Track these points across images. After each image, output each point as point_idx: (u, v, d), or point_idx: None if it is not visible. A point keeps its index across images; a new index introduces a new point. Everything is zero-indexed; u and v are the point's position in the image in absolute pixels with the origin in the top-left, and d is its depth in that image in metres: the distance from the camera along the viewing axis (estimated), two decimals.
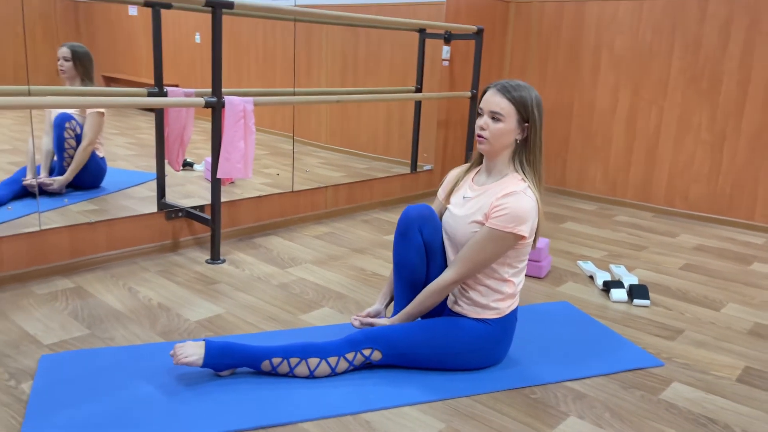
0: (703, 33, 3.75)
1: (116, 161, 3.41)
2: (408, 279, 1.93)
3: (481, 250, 1.79)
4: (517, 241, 1.78)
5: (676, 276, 2.89)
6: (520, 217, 1.75)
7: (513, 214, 1.74)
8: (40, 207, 2.68)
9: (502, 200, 1.76)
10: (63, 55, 3.03)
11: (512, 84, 1.79)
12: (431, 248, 1.93)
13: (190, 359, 1.71)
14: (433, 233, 1.92)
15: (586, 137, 4.32)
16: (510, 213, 1.74)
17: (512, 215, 1.74)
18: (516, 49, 4.56)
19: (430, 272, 1.93)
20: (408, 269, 1.92)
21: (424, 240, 1.91)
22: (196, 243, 3.00)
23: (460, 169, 2.01)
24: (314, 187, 3.56)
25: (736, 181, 3.76)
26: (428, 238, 1.92)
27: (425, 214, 1.93)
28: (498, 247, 1.78)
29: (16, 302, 2.26)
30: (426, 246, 1.92)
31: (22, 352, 1.90)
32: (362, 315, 2.02)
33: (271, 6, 3.01)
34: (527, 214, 1.76)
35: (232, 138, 2.66)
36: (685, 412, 1.75)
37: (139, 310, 2.24)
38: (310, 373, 1.79)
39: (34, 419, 1.55)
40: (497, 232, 1.76)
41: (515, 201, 1.75)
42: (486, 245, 1.78)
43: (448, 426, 1.64)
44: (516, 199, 1.76)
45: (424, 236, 1.91)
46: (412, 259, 1.91)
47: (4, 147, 3.21)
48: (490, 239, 1.77)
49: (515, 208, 1.75)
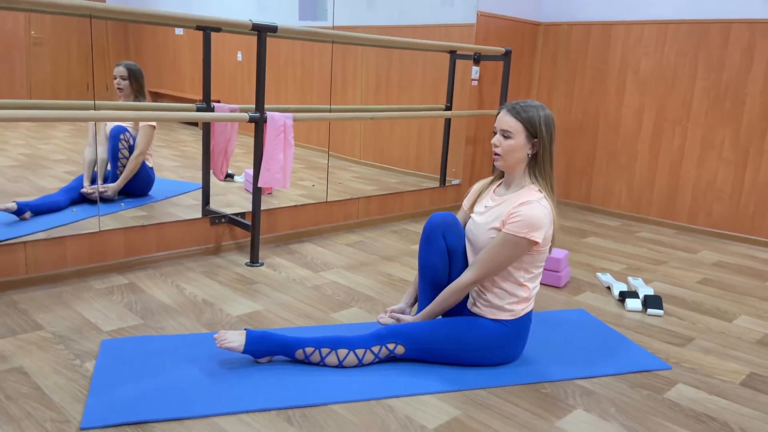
0: (726, 55, 3.86)
1: (162, 172, 3.67)
2: (431, 280, 2.10)
3: (498, 254, 1.95)
4: (530, 247, 1.94)
5: (692, 289, 2.99)
6: (533, 224, 1.91)
7: (527, 221, 1.91)
8: (99, 211, 2.94)
9: (517, 208, 1.93)
10: (120, 74, 3.30)
11: (522, 104, 1.97)
12: (454, 253, 2.10)
13: (232, 345, 1.91)
14: (455, 239, 2.10)
15: (611, 156, 4.44)
16: (524, 220, 1.91)
17: (526, 222, 1.91)
18: (544, 69, 4.72)
19: (453, 275, 2.10)
20: (431, 271, 2.09)
21: (447, 245, 2.09)
22: (237, 247, 3.23)
23: (484, 181, 2.19)
24: (347, 198, 3.77)
25: (759, 199, 3.83)
26: (451, 244, 2.09)
27: (449, 221, 2.10)
28: (513, 251, 1.94)
29: (78, 295, 2.51)
30: (449, 250, 2.09)
31: (85, 337, 2.13)
32: (388, 311, 2.20)
33: (311, 30, 3.24)
34: (540, 222, 1.92)
35: (273, 150, 2.88)
36: (687, 410, 1.88)
37: (185, 305, 2.46)
38: (339, 363, 1.97)
39: (98, 392, 1.77)
40: (512, 237, 1.92)
41: (529, 209, 1.92)
42: (502, 249, 1.94)
43: (464, 413, 1.80)
44: (530, 207, 1.92)
45: (447, 241, 2.09)
46: (436, 263, 2.09)
47: (59, 157, 3.50)
48: (505, 244, 1.94)
49: (530, 216, 1.91)
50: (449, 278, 2.10)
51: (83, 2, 2.38)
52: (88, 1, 2.41)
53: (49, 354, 2.00)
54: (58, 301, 2.43)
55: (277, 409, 1.75)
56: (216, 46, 3.09)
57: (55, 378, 1.86)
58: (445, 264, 2.09)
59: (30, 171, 3.32)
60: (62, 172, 3.34)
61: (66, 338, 2.12)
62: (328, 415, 1.74)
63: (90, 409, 1.69)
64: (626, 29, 4.26)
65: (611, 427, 1.77)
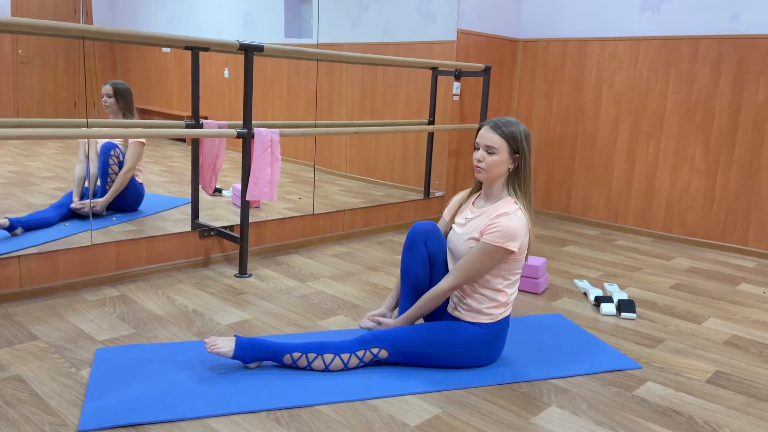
0: (696, 70, 4.03)
1: (152, 187, 3.75)
2: (412, 285, 2.21)
3: (476, 261, 2.06)
4: (507, 255, 2.06)
5: (665, 294, 3.12)
6: (510, 234, 2.02)
7: (504, 231, 2.02)
8: (92, 226, 3.02)
9: (495, 219, 2.04)
10: (106, 93, 3.38)
11: (503, 121, 2.09)
12: (435, 260, 2.21)
13: (222, 350, 2.00)
14: (437, 247, 2.20)
15: (590, 167, 4.59)
16: (501, 230, 2.02)
17: (503, 233, 2.02)
18: (523, 84, 4.88)
19: (433, 281, 2.21)
20: (412, 276, 2.20)
21: (429, 252, 2.19)
22: (226, 259, 3.32)
23: (463, 193, 2.30)
24: (333, 211, 3.87)
25: (730, 207, 3.99)
26: (432, 251, 2.20)
27: (430, 230, 2.21)
28: (490, 259, 2.05)
29: (71, 306, 2.58)
30: (430, 258, 2.20)
31: (80, 346, 2.21)
32: (369, 316, 2.30)
33: (296, 49, 3.36)
34: (517, 233, 2.03)
35: (260, 165, 2.98)
36: (655, 406, 1.99)
37: (176, 315, 2.55)
38: (326, 367, 2.07)
39: (94, 397, 1.85)
40: (490, 246, 2.04)
41: (507, 221, 2.03)
42: (480, 258, 2.05)
43: (444, 411, 1.89)
44: (507, 219, 2.03)
45: (428, 249, 2.19)
46: (417, 269, 2.19)
47: (48, 174, 3.57)
48: (483, 252, 2.05)
49: (506, 227, 2.02)
50: (430, 284, 2.21)
51: (77, 25, 2.48)
52: (81, 25, 2.51)
53: (45, 363, 2.08)
54: (52, 313, 2.50)
55: (266, 411, 1.84)
56: (204, 63, 3.19)
57: (52, 385, 1.94)
58: (426, 270, 2.19)
59: (19, 188, 3.39)
60: (51, 189, 3.41)
61: (61, 348, 2.19)
62: (315, 416, 1.83)
63: (87, 412, 1.77)
64: (601, 45, 4.43)
65: (582, 422, 1.87)
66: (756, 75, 3.81)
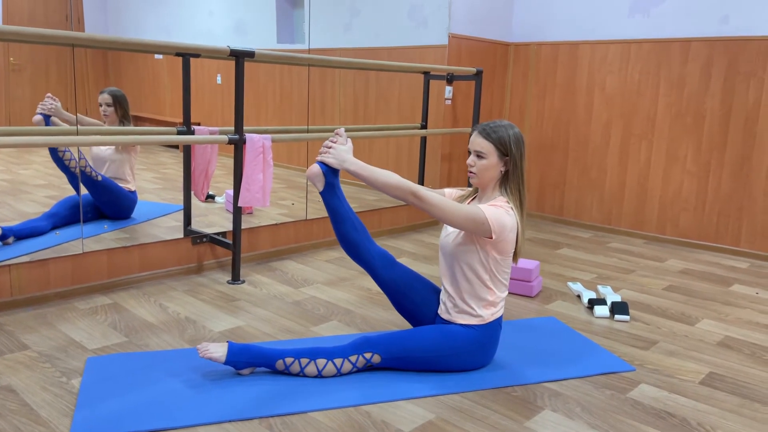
0: (686, 72, 4.05)
1: (143, 194, 3.74)
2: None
3: (459, 211, 1.98)
4: (484, 235, 2.00)
5: (658, 296, 3.12)
6: (500, 221, 2.01)
7: (497, 216, 2.01)
8: (83, 233, 3.00)
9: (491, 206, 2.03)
10: (105, 101, 3.36)
11: (492, 125, 2.09)
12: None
13: (214, 355, 1.99)
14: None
15: (582, 170, 4.60)
16: (495, 213, 2.01)
17: (496, 215, 2.01)
18: (515, 88, 4.89)
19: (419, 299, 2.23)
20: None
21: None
22: (219, 266, 3.31)
23: (462, 193, 2.29)
24: (326, 216, 3.86)
25: (722, 209, 4.00)
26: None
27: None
28: (470, 223, 1.98)
29: (62, 315, 2.57)
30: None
31: (70, 355, 2.19)
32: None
33: (287, 55, 3.36)
34: (504, 225, 2.02)
35: (252, 171, 2.97)
36: (648, 408, 1.99)
37: (168, 322, 2.53)
38: (318, 373, 2.06)
39: (85, 406, 1.84)
40: (481, 213, 1.98)
41: (500, 211, 2.02)
42: (466, 214, 1.98)
43: (438, 417, 1.89)
44: (502, 210, 2.03)
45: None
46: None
47: (39, 182, 3.56)
48: (471, 213, 1.99)
49: (498, 215, 2.01)
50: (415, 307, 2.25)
51: (67, 33, 2.47)
52: (72, 32, 2.50)
53: (35, 372, 2.06)
54: (42, 322, 2.49)
55: (259, 418, 1.83)
56: (195, 70, 3.19)
57: (43, 395, 1.92)
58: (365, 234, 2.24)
59: (11, 196, 3.37)
60: (43, 197, 3.39)
61: (52, 357, 2.18)
62: (308, 423, 1.82)
63: (77, 422, 1.75)
64: (592, 48, 4.44)
65: (576, 425, 1.87)
66: (746, 77, 3.83)
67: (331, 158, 2.15)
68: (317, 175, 2.16)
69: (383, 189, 2.06)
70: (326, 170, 2.16)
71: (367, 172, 2.07)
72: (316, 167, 2.16)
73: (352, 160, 2.12)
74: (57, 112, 3.03)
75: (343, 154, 2.14)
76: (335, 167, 2.15)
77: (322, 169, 2.15)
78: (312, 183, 2.18)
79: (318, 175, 2.16)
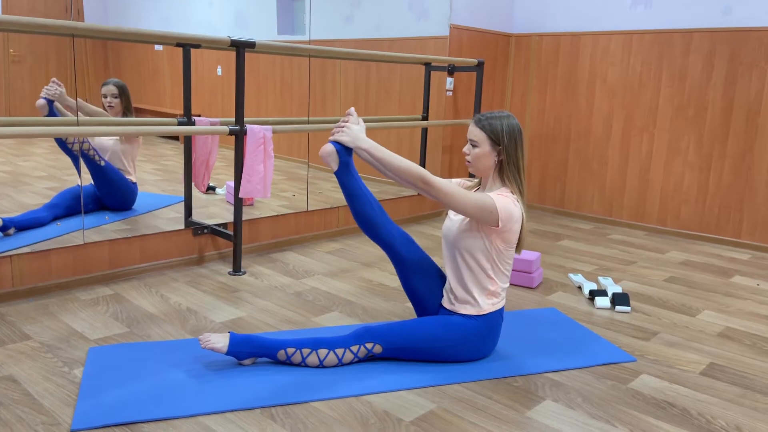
0: (688, 64, 4.03)
1: (145, 186, 3.74)
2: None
3: (468, 198, 1.98)
4: (491, 223, 2.00)
5: (659, 287, 3.13)
6: (507, 210, 2.01)
7: (505, 205, 2.01)
8: (84, 225, 3.00)
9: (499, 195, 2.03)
10: (110, 92, 3.35)
11: (487, 115, 2.09)
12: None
13: (216, 345, 1.99)
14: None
15: (584, 162, 4.59)
16: (504, 202, 2.01)
17: (504, 205, 2.01)
18: (516, 79, 4.87)
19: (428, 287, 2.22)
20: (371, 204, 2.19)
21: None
22: (220, 257, 3.31)
23: (469, 183, 2.29)
24: (327, 208, 3.86)
25: (723, 201, 4.00)
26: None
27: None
28: (478, 210, 1.98)
29: (64, 306, 2.57)
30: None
31: (72, 346, 2.20)
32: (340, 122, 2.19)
33: (288, 45, 3.35)
34: (512, 215, 2.02)
35: (253, 162, 2.97)
36: (649, 398, 1.99)
37: (170, 313, 2.54)
38: (320, 363, 2.06)
39: (87, 396, 1.84)
40: (490, 202, 1.98)
41: (508, 201, 2.02)
42: (475, 201, 1.98)
43: (438, 406, 1.89)
44: (509, 200, 2.03)
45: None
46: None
47: (40, 174, 3.56)
48: (480, 200, 1.98)
49: (505, 204, 2.01)
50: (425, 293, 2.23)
51: (67, 23, 2.46)
52: (71, 22, 2.49)
53: (37, 362, 2.07)
54: (44, 313, 2.49)
55: (261, 408, 1.83)
56: (196, 61, 3.18)
57: (45, 384, 1.93)
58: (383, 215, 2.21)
59: (12, 188, 3.37)
60: (44, 188, 3.39)
61: (54, 347, 2.18)
62: (310, 412, 1.83)
63: (80, 411, 1.76)
64: (593, 40, 4.42)
65: (577, 415, 1.88)
66: (748, 68, 3.82)
67: (345, 137, 2.13)
68: (331, 154, 2.14)
69: (394, 171, 2.04)
70: (340, 149, 2.14)
71: (380, 153, 2.06)
72: (329, 146, 2.14)
73: (365, 139, 2.11)
74: (61, 98, 3.03)
75: (356, 132, 2.13)
76: (349, 146, 2.13)
77: (336, 148, 2.14)
78: (326, 163, 2.15)
79: (332, 154, 2.14)
